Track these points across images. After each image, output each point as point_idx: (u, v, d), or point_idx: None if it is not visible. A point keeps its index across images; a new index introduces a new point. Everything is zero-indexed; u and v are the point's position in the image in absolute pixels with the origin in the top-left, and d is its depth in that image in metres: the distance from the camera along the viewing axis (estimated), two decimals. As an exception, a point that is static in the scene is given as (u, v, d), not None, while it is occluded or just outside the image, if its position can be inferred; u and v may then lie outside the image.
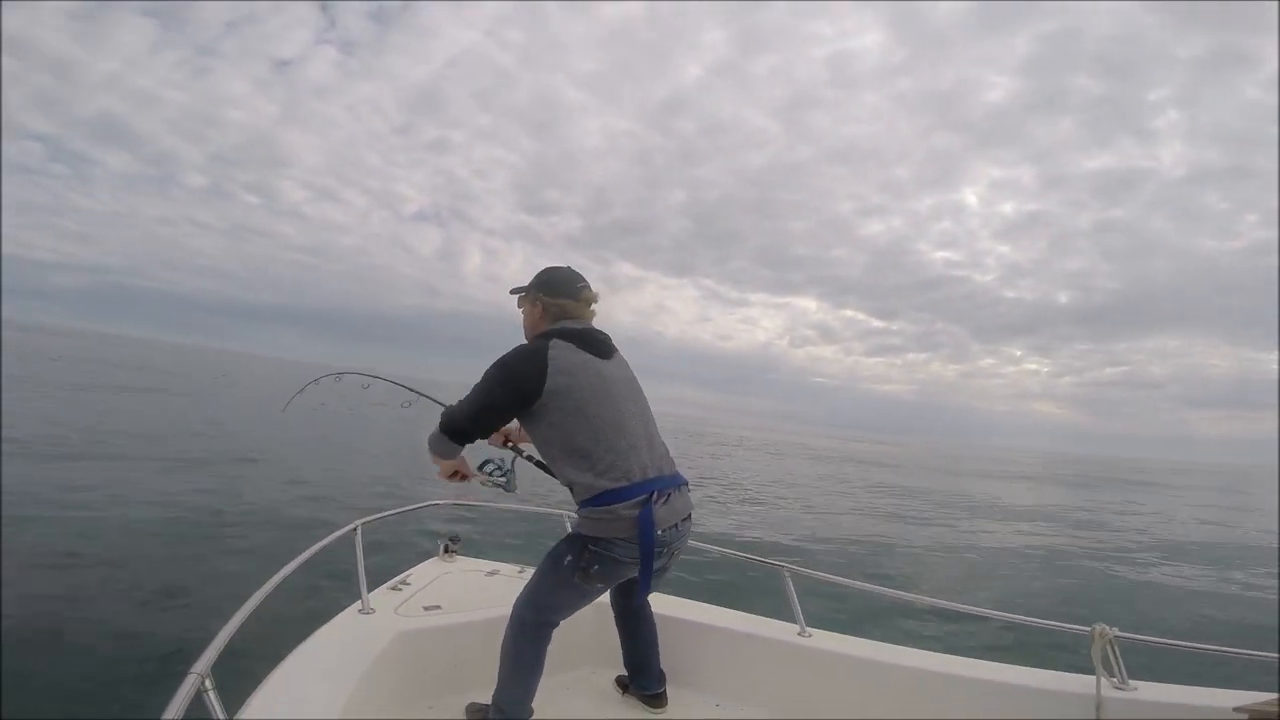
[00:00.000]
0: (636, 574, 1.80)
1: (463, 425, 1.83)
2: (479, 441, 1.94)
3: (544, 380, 1.75)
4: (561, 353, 1.80)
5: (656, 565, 1.81)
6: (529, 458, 2.14)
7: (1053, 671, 2.00)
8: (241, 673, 1.56)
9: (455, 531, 3.14)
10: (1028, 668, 2.05)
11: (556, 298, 1.95)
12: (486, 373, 1.81)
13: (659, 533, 1.75)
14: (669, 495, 1.81)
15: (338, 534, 2.35)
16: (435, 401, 2.26)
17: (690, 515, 1.91)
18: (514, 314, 2.07)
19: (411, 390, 2.63)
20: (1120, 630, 1.86)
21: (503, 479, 2.13)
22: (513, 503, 3.60)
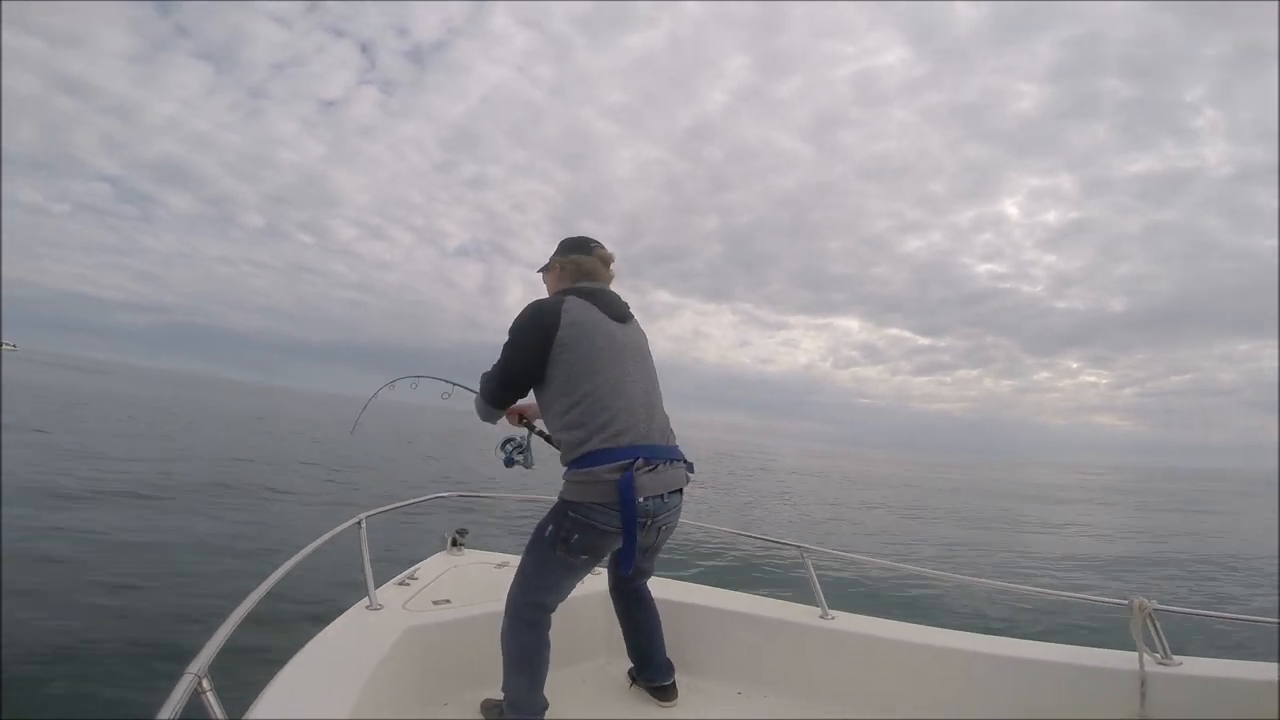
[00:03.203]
0: (619, 545, 1.75)
1: (494, 389, 1.90)
2: (501, 422, 2.06)
3: (557, 329, 1.76)
4: (575, 306, 1.82)
5: (642, 539, 1.77)
6: (540, 433, 2.17)
7: (1092, 648, 1.92)
8: (241, 673, 1.49)
9: (462, 524, 3.08)
10: (1065, 645, 1.97)
11: (569, 254, 2.02)
12: (509, 331, 1.86)
13: (641, 500, 1.68)
14: (657, 465, 1.74)
15: (341, 528, 2.28)
16: (469, 390, 2.33)
17: (681, 491, 1.85)
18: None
19: (449, 382, 2.69)
20: (1160, 603, 1.78)
21: (520, 456, 2.22)
22: (520, 493, 3.56)
